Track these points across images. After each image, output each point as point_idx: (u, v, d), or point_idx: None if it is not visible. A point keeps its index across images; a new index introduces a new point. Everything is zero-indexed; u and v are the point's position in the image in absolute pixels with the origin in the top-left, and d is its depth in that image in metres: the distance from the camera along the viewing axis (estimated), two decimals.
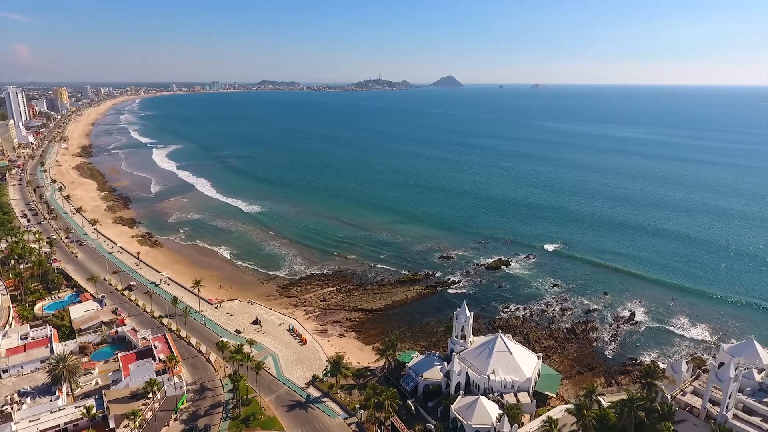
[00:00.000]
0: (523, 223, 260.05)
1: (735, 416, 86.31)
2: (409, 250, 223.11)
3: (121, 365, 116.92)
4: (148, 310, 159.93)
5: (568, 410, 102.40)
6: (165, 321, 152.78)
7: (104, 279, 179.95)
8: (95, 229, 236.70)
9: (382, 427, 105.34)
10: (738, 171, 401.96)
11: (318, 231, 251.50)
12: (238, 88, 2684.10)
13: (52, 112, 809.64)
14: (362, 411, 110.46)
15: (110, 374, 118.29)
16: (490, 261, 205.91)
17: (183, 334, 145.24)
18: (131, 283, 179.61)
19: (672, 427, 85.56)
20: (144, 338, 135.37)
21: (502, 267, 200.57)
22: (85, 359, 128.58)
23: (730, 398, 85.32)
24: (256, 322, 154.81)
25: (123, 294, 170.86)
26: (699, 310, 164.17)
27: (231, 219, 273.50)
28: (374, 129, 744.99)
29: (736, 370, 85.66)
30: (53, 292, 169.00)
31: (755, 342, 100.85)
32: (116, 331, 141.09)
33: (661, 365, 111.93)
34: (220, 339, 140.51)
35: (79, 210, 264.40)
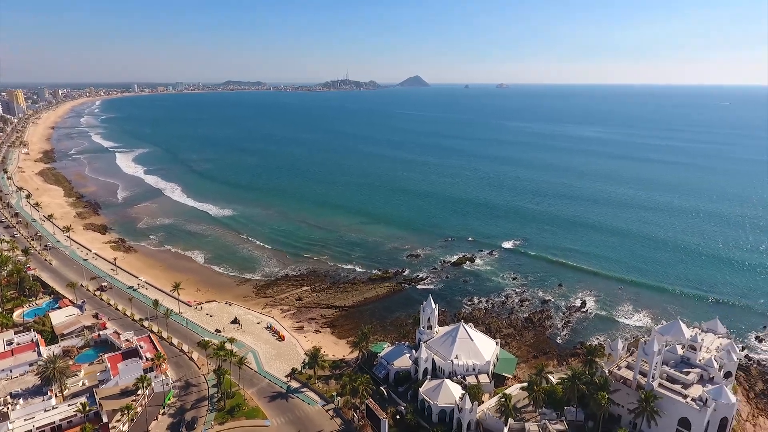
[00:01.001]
0: (485, 223, 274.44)
1: (660, 384, 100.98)
2: (379, 250, 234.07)
3: (108, 365, 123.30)
4: (129, 313, 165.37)
5: (522, 387, 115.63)
6: (146, 323, 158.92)
7: (82, 285, 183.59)
8: (68, 236, 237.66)
9: (358, 411, 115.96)
10: (683, 169, 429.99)
11: (290, 233, 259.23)
12: (202, 89, 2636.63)
13: (8, 116, 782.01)
14: (339, 398, 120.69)
15: (98, 374, 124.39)
16: (455, 258, 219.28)
17: (165, 335, 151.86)
18: (103, 284, 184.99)
19: (607, 396, 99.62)
20: (127, 340, 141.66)
21: (466, 263, 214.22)
22: (70, 362, 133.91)
23: (655, 369, 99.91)
24: (235, 321, 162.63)
25: (102, 299, 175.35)
26: (642, 298, 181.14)
27: (202, 223, 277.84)
28: (341, 131, 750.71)
29: (659, 345, 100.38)
30: (30, 299, 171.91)
31: (680, 322, 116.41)
32: (99, 335, 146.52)
33: (602, 345, 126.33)
34: (202, 338, 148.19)
35: (49, 217, 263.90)
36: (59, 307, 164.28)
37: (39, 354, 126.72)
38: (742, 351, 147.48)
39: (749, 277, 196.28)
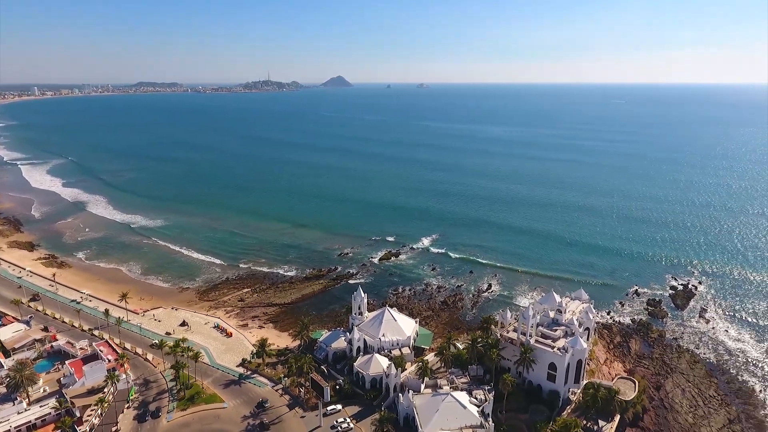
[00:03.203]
0: (405, 223, 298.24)
1: (536, 341, 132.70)
2: (312, 251, 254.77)
3: (72, 370, 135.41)
4: (77, 324, 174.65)
5: (435, 354, 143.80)
6: (96, 332, 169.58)
7: (23, 302, 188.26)
8: None
9: (303, 388, 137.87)
10: (574, 166, 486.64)
11: (224, 241, 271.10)
12: (113, 91, 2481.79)
13: None
14: (286, 378, 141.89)
15: (62, 379, 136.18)
16: (380, 255, 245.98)
17: (117, 341, 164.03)
18: (35, 294, 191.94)
19: (497, 352, 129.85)
20: (82, 348, 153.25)
21: (391, 259, 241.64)
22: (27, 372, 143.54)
23: (531, 329, 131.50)
24: (183, 324, 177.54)
25: (46, 314, 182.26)
26: (535, 280, 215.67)
27: (134, 236, 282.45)
28: (263, 137, 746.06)
29: (533, 312, 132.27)
30: None
31: (554, 293, 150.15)
32: (51, 346, 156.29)
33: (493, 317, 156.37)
34: (153, 341, 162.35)
35: None
36: (3, 325, 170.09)
37: (1, 366, 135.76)
38: (608, 314, 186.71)
39: (617, 259, 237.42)
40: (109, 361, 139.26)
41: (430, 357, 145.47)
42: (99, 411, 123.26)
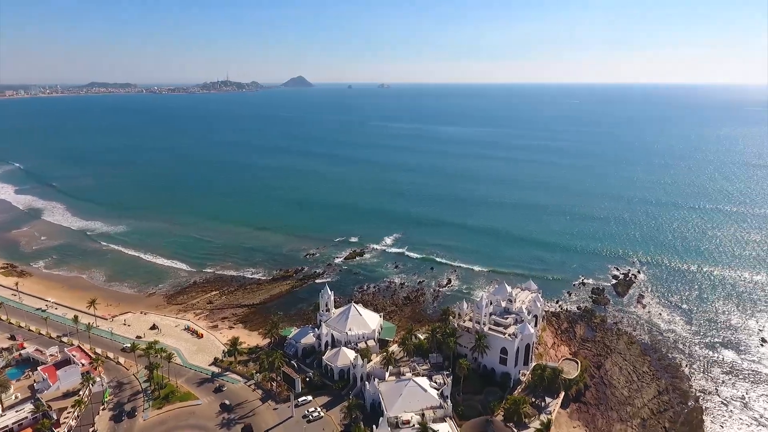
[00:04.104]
0: (368, 223, 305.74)
1: (489, 328, 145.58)
2: (278, 253, 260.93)
3: (46, 375, 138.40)
4: (44, 332, 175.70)
5: (398, 345, 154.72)
6: (65, 339, 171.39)
7: None
8: None
9: (275, 383, 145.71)
10: (528, 166, 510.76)
11: (189, 245, 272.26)
12: (62, 92, 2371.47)
13: None
14: (258, 374, 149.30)
15: (35, 384, 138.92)
16: (345, 254, 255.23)
17: (88, 347, 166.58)
18: None
19: (455, 340, 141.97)
20: (52, 354, 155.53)
21: (355, 258, 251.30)
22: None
23: (485, 318, 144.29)
24: (153, 327, 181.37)
25: (11, 323, 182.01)
26: (492, 276, 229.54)
27: (95, 242, 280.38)
28: (223, 140, 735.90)
29: (486, 302, 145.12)
30: None
31: (505, 284, 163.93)
32: (20, 354, 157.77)
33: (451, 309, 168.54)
34: (125, 345, 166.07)
35: None
36: None
37: None
38: (557, 303, 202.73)
39: (565, 254, 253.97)
40: (83, 365, 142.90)
41: (394, 348, 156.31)
42: (75, 413, 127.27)
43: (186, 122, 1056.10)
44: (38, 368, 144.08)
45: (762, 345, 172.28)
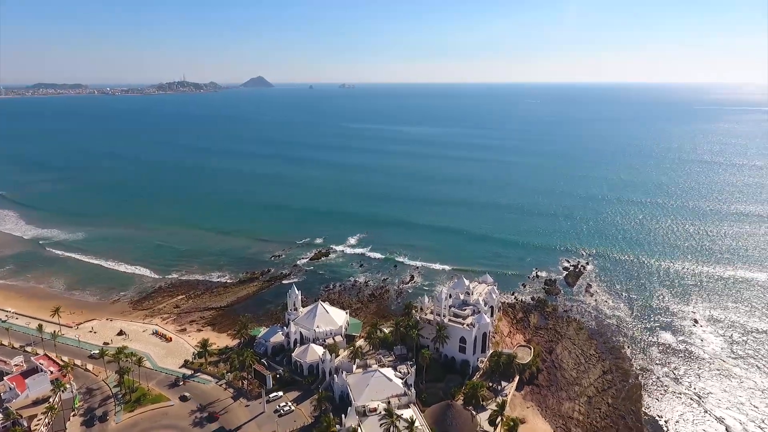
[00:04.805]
0: (332, 225, 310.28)
1: (449, 320, 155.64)
2: (244, 256, 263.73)
3: (14, 384, 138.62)
4: (6, 342, 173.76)
5: (365, 340, 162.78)
6: (29, 349, 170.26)
7: None
8: None
9: (246, 381, 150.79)
10: (485, 165, 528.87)
11: (152, 250, 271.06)
12: (5, 94, 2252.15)
13: None
14: (229, 374, 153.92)
15: (3, 394, 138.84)
16: (311, 255, 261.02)
17: (53, 355, 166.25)
18: None
19: (417, 332, 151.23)
20: (17, 364, 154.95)
21: (321, 259, 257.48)
22: None
23: (444, 310, 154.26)
24: (120, 333, 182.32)
25: None
26: (452, 272, 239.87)
27: (54, 250, 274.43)
28: (181, 143, 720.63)
29: (446, 295, 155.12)
30: None
31: (464, 278, 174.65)
32: None
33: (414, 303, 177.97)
34: (92, 352, 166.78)
35: None
36: None
37: None
38: (512, 295, 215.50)
39: (520, 249, 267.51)
40: (52, 372, 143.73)
41: (361, 342, 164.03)
42: (46, 420, 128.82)
43: (141, 125, 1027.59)
44: (4, 378, 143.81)
45: (694, 325, 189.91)
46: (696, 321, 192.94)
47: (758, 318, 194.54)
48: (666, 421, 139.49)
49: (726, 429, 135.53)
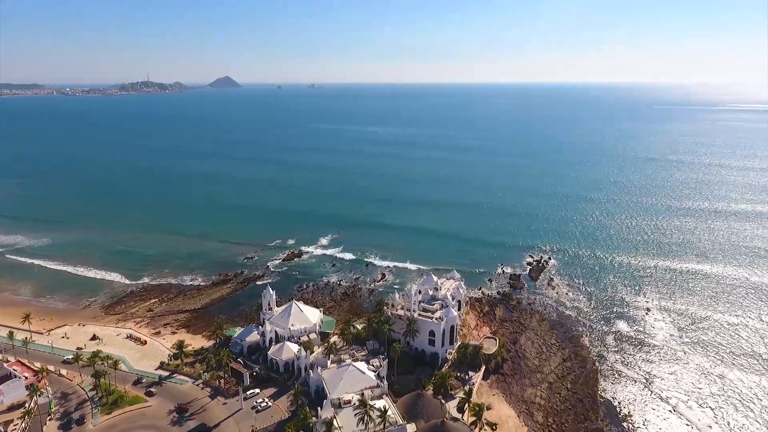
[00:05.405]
0: (303, 226, 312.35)
1: (418, 315, 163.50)
2: (216, 258, 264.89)
3: None
4: None
5: (338, 336, 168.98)
6: (0, 356, 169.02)
7: None
8: None
9: (223, 380, 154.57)
10: (452, 165, 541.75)
11: (120, 256, 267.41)
12: None
13: None
14: (206, 374, 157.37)
15: None
16: (284, 256, 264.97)
17: (26, 361, 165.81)
18: None
19: (388, 327, 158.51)
20: None
21: (294, 259, 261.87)
22: None
23: (414, 305, 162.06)
24: (94, 338, 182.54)
25: None
26: (422, 271, 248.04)
27: (18, 257, 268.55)
28: (146, 145, 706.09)
29: (415, 291, 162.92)
30: None
31: (432, 275, 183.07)
32: None
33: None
34: (66, 357, 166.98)
35: None
36: None
37: None
38: (479, 290, 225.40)
39: (487, 246, 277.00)
40: (26, 378, 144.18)
41: (335, 339, 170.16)
42: (23, 424, 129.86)
43: (104, 127, 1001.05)
44: None
45: (646, 315, 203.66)
46: (648, 310, 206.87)
47: (703, 307, 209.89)
48: (619, 403, 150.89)
49: (672, 408, 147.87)
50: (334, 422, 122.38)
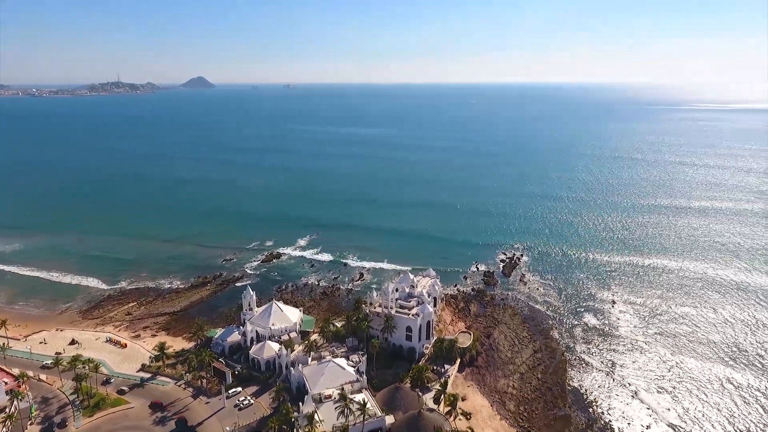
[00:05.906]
0: (281, 228, 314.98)
1: (396, 311, 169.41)
2: (194, 260, 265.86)
3: None
4: None
5: (318, 334, 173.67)
6: None
7: None
8: None
9: (205, 380, 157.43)
10: (427, 165, 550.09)
11: (96, 261, 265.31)
12: None
13: None
14: (188, 374, 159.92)
15: None
16: (262, 257, 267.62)
17: (4, 367, 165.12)
18: None
19: (367, 324, 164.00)
20: None
21: (273, 261, 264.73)
22: None
23: (391, 303, 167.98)
24: (73, 342, 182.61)
25: None
26: (399, 270, 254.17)
27: None
28: (117, 148, 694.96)
29: (392, 289, 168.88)
30: None
31: (409, 273, 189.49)
32: None
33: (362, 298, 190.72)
34: (45, 362, 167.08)
35: None
36: None
37: None
38: (455, 287, 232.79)
39: (462, 245, 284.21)
40: (6, 383, 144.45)
41: (315, 337, 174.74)
42: (4, 429, 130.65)
43: (73, 128, 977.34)
44: None
45: (612, 308, 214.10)
46: (614, 303, 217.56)
47: (664, 299, 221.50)
48: (586, 390, 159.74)
49: (633, 393, 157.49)
50: (316, 416, 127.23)
